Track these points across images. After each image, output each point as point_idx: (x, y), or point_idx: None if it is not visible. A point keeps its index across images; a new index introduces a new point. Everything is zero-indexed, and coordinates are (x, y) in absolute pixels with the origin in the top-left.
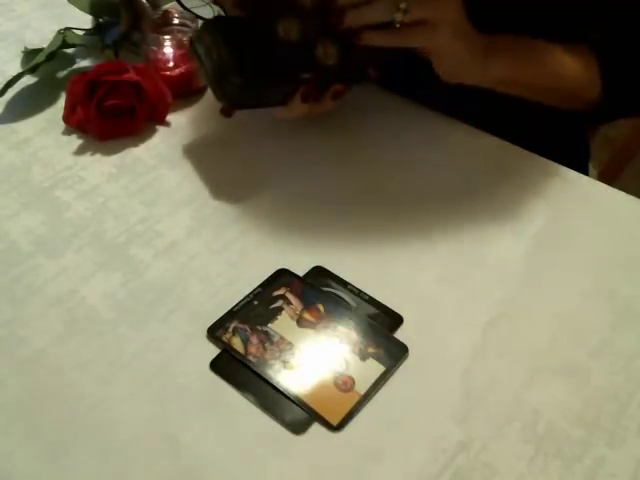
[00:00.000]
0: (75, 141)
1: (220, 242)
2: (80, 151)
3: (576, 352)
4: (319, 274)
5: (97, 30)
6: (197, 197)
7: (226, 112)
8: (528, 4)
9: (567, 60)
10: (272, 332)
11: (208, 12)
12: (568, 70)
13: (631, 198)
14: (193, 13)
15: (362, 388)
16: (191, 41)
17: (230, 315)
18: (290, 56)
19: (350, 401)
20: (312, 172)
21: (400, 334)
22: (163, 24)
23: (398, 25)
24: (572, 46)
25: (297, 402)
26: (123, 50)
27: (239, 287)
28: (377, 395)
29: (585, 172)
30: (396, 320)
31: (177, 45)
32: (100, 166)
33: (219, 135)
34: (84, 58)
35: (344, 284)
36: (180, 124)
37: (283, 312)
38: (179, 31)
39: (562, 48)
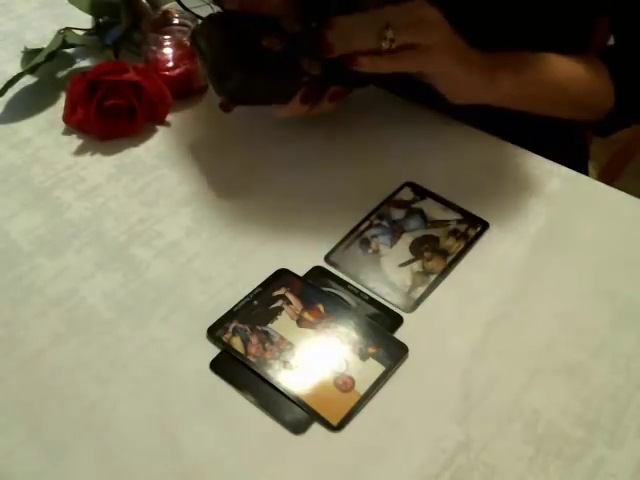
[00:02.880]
0: (75, 141)
1: (220, 242)
2: (80, 151)
3: (576, 352)
4: (319, 274)
5: (97, 30)
6: (197, 197)
7: (225, 107)
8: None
9: (574, 70)
10: (272, 332)
11: (208, 12)
12: (577, 80)
13: (631, 198)
14: (193, 13)
15: (362, 388)
16: (193, 35)
17: (230, 315)
18: (290, 55)
19: (350, 401)
20: (312, 172)
21: (400, 334)
22: (163, 24)
23: (387, 47)
24: (580, 57)
25: (297, 402)
26: (123, 50)
27: (239, 287)
28: (377, 395)
29: (585, 172)
30: (396, 320)
31: (177, 45)
32: (100, 166)
33: (219, 135)
34: (84, 58)
35: (344, 284)
36: (180, 124)
37: (283, 312)
38: (179, 31)
39: (569, 59)
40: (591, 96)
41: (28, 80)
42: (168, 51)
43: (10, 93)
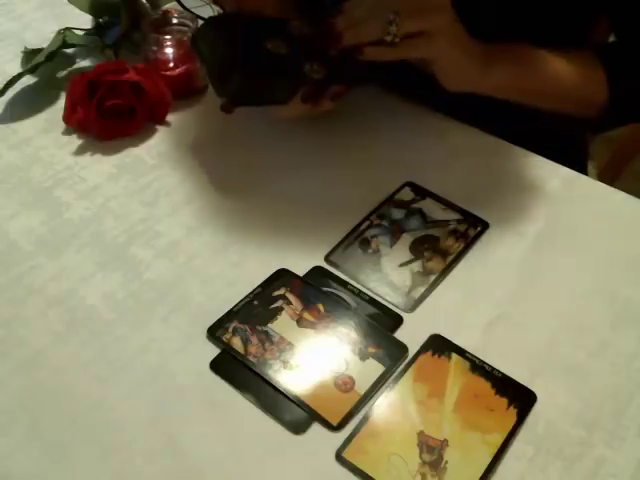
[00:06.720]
0: (75, 141)
1: (220, 242)
2: (80, 151)
3: (576, 352)
4: (319, 274)
5: (97, 30)
6: (197, 197)
7: (226, 109)
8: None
9: (568, 65)
10: (272, 332)
11: (208, 12)
12: (570, 75)
13: (631, 198)
14: (193, 13)
15: (362, 388)
16: (193, 38)
17: (230, 315)
18: (293, 58)
19: (350, 401)
20: (313, 172)
21: (400, 334)
22: (163, 24)
23: (390, 40)
24: (575, 52)
25: (297, 402)
26: (123, 50)
27: (239, 287)
28: (377, 395)
29: (585, 172)
30: (396, 320)
31: (177, 45)
32: (100, 166)
33: (219, 135)
34: (84, 58)
35: (344, 284)
36: (180, 124)
37: (283, 312)
38: (179, 31)
39: (563, 54)
40: (583, 90)
41: (28, 80)
42: (168, 51)
43: (10, 93)
